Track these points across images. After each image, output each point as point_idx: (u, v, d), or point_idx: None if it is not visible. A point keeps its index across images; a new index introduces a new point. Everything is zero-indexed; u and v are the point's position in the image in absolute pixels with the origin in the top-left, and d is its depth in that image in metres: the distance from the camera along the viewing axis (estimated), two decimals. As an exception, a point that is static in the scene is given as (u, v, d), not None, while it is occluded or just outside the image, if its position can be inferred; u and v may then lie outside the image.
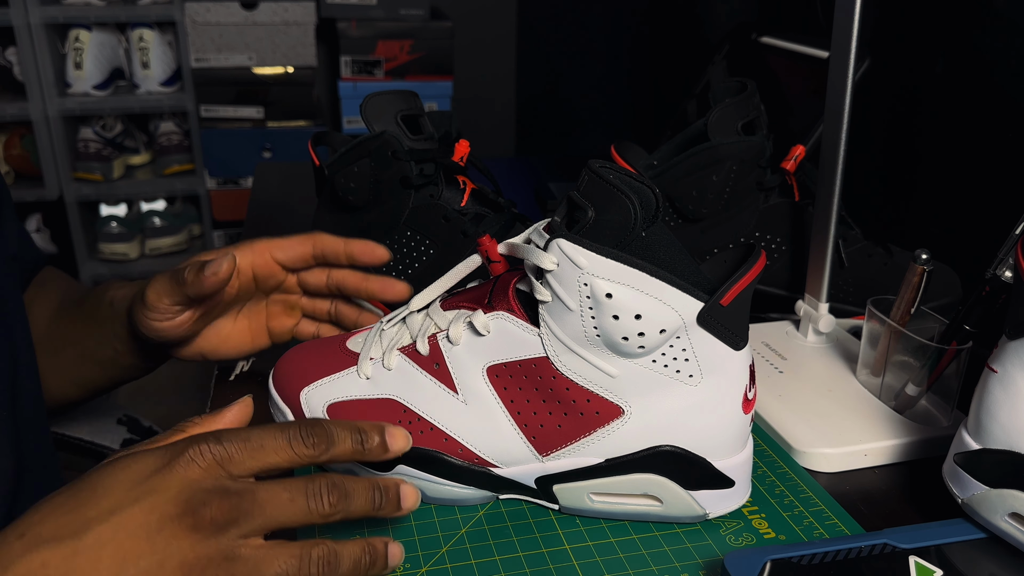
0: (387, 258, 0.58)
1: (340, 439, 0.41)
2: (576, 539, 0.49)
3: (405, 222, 0.67)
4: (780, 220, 0.74)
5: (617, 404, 0.47)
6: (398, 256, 0.67)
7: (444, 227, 0.66)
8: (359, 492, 0.41)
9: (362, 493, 0.41)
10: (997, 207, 0.76)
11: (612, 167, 0.45)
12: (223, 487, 0.37)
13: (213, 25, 2.03)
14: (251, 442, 0.39)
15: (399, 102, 0.66)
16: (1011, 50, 0.75)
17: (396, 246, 0.67)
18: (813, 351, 0.67)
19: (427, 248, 0.67)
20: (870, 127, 0.93)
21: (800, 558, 0.43)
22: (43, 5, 1.93)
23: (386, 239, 0.66)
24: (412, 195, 0.66)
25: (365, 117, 0.65)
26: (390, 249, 0.60)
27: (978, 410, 0.47)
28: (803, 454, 0.56)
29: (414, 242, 0.67)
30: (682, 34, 1.42)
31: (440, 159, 0.66)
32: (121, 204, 2.23)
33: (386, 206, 0.67)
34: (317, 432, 0.41)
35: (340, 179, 0.66)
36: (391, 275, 0.64)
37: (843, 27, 0.59)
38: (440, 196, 0.67)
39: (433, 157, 0.66)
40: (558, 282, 0.45)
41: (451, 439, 0.49)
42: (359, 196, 0.66)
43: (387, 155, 0.65)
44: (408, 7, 2.11)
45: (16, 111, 1.96)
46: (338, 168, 0.66)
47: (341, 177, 0.66)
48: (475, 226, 0.66)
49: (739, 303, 0.45)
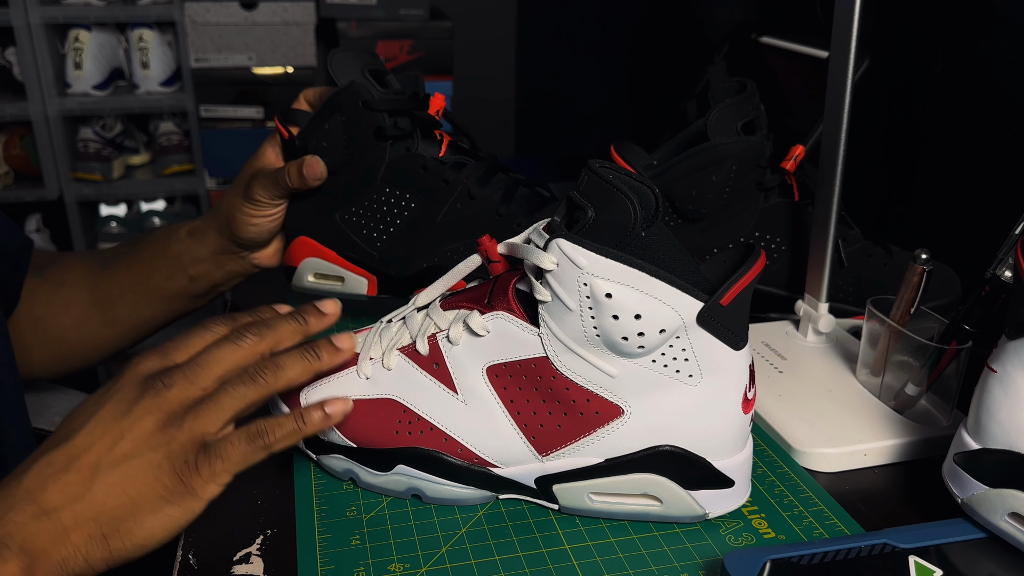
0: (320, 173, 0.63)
1: None
2: (576, 539, 0.49)
3: (383, 177, 0.65)
4: (780, 220, 0.73)
5: (617, 404, 0.47)
6: (379, 214, 0.65)
7: (423, 176, 0.65)
8: (281, 320, 0.48)
9: (284, 320, 0.49)
10: (997, 207, 0.76)
11: (612, 167, 0.45)
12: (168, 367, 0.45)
13: (213, 25, 2.03)
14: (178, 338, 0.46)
15: (367, 57, 0.65)
16: (1011, 50, 0.75)
17: (376, 204, 0.65)
18: (813, 351, 0.67)
19: (408, 201, 0.65)
20: (870, 127, 0.92)
21: (800, 558, 0.43)
22: (43, 5, 1.92)
23: (364, 199, 0.65)
24: (388, 148, 0.65)
25: (332, 72, 0.65)
26: (370, 208, 0.59)
27: (978, 410, 0.47)
28: (803, 454, 0.56)
29: (394, 197, 0.65)
30: (682, 34, 1.42)
31: (415, 111, 0.65)
32: (121, 204, 2.22)
33: (361, 163, 0.65)
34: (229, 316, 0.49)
35: (312, 142, 0.64)
36: (373, 235, 0.64)
37: (843, 27, 0.59)
38: (417, 148, 0.65)
39: (408, 110, 0.65)
40: (558, 282, 0.45)
41: (451, 439, 0.49)
42: (333, 156, 0.64)
43: (358, 106, 0.63)
44: (408, 7, 2.11)
45: (16, 111, 1.95)
46: (309, 133, 0.65)
47: (313, 139, 0.64)
48: (456, 172, 0.65)
49: (739, 303, 0.45)
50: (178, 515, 0.43)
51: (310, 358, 0.48)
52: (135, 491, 0.42)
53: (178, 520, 0.43)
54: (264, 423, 0.45)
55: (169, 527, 0.43)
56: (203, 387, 0.45)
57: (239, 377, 0.45)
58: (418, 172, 0.65)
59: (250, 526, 0.49)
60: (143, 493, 0.42)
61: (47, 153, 2.02)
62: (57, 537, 0.40)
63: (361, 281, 0.66)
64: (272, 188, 0.65)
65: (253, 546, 0.47)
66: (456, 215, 0.65)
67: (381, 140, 0.64)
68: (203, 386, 0.45)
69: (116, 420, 0.43)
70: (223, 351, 0.46)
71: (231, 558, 0.46)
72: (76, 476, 0.41)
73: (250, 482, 0.52)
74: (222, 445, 0.44)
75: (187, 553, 0.47)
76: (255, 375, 0.45)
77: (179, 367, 0.45)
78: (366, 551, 0.47)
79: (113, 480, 0.42)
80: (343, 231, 0.66)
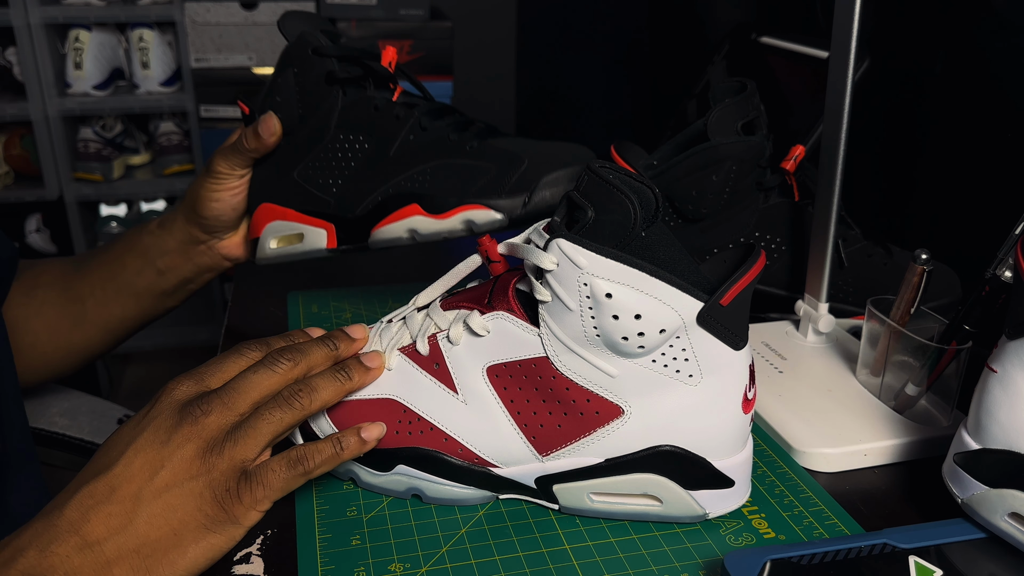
0: None
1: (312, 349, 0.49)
2: (576, 539, 0.49)
3: (336, 125, 0.64)
4: (780, 220, 0.73)
5: (617, 404, 0.47)
6: (335, 161, 0.64)
7: (375, 116, 0.64)
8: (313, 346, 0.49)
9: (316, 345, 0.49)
10: (997, 207, 0.76)
11: (612, 167, 0.45)
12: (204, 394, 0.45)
13: (213, 25, 2.03)
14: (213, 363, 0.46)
15: (317, 20, 0.65)
16: (1011, 50, 0.75)
17: (331, 153, 0.64)
18: (813, 351, 0.67)
19: (362, 143, 0.64)
20: (870, 127, 0.92)
21: (800, 558, 0.43)
22: (43, 5, 1.92)
23: (321, 152, 0.64)
24: (340, 96, 0.64)
25: (284, 32, 0.64)
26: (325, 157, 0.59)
27: (978, 410, 0.47)
28: (803, 454, 0.56)
29: (348, 142, 0.64)
30: (682, 34, 1.42)
31: (366, 60, 0.64)
32: (121, 204, 2.22)
33: (314, 115, 0.64)
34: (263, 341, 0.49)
35: (267, 102, 0.64)
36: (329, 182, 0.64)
37: (843, 27, 0.59)
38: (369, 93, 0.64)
39: (359, 58, 0.64)
40: (558, 282, 0.45)
41: (451, 439, 0.49)
42: (288, 111, 0.64)
43: (308, 55, 0.63)
44: (408, 7, 2.11)
45: (16, 111, 1.95)
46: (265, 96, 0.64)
47: (268, 100, 0.64)
48: (408, 109, 0.64)
49: (739, 303, 0.45)
50: (220, 543, 0.43)
51: (342, 379, 0.48)
52: (177, 521, 0.42)
53: (220, 548, 0.43)
54: (304, 449, 0.46)
55: (211, 555, 0.43)
56: (240, 412, 0.45)
57: (275, 402, 0.45)
58: (370, 113, 0.63)
59: (250, 526, 0.49)
60: (185, 523, 0.42)
61: (47, 153, 2.02)
62: (99, 569, 0.40)
63: (320, 233, 0.64)
64: (232, 157, 0.64)
65: (253, 546, 0.47)
66: (408, 146, 0.63)
67: (332, 84, 0.63)
68: (240, 411, 0.45)
69: (155, 449, 0.43)
70: (259, 376, 0.46)
71: (231, 558, 0.46)
72: (118, 507, 0.41)
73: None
74: (263, 472, 0.44)
75: (187, 553, 0.47)
76: (291, 399, 0.46)
77: (216, 393, 0.45)
78: (366, 551, 0.47)
79: (155, 511, 0.42)
80: (301, 187, 0.65)
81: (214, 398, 0.44)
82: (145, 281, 0.70)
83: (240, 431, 0.44)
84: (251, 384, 0.46)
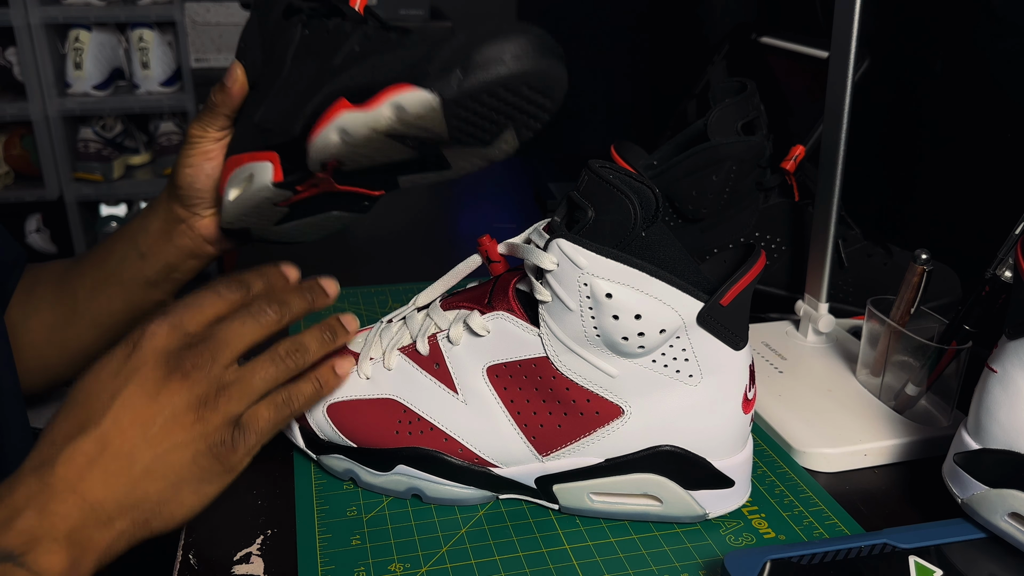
0: None
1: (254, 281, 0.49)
2: (576, 539, 0.49)
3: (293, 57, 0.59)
4: (780, 220, 0.74)
5: (617, 404, 0.47)
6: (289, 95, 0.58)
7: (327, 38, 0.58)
8: (293, 297, 0.49)
9: (296, 296, 0.49)
10: (997, 207, 0.76)
11: (612, 167, 0.45)
12: (187, 342, 0.45)
13: (213, 25, 2.03)
14: (190, 304, 0.46)
15: None
16: (1011, 50, 0.75)
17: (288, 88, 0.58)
18: (813, 351, 0.67)
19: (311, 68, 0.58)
20: (870, 127, 0.92)
21: (800, 558, 0.43)
22: (43, 5, 1.92)
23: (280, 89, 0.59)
24: (299, 28, 0.59)
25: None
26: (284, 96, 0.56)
27: (978, 410, 0.47)
28: (803, 454, 0.56)
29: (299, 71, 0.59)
30: (682, 34, 1.42)
31: None
32: (121, 204, 2.23)
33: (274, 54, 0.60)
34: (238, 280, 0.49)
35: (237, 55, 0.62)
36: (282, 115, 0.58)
37: (843, 27, 0.59)
38: None
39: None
40: (558, 282, 0.45)
41: (451, 439, 0.49)
42: (250, 57, 0.61)
43: None
44: (408, 7, 2.11)
45: (16, 111, 1.95)
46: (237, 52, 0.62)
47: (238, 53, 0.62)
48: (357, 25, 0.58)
49: (739, 303, 0.45)
50: (214, 491, 0.44)
51: (327, 338, 0.50)
52: (175, 476, 0.43)
53: (213, 495, 0.45)
54: (287, 392, 0.47)
55: (205, 502, 0.44)
56: (225, 365, 0.45)
57: (268, 357, 0.46)
58: (323, 38, 0.59)
59: (250, 526, 0.49)
60: (182, 476, 0.43)
61: (47, 153, 2.02)
62: (102, 526, 0.41)
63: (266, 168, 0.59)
64: (204, 118, 0.63)
65: (253, 546, 0.47)
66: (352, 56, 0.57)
67: (291, 17, 0.59)
68: (226, 364, 0.45)
69: (144, 403, 0.43)
70: (247, 328, 0.46)
71: (231, 558, 0.46)
72: (114, 465, 0.41)
73: (250, 482, 0.52)
74: (253, 420, 0.45)
75: (187, 553, 0.47)
76: (285, 357, 0.47)
77: (204, 344, 0.45)
78: (366, 551, 0.47)
79: (152, 468, 0.42)
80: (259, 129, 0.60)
81: (203, 350, 0.44)
82: (130, 268, 0.69)
83: (234, 387, 0.44)
84: (238, 336, 0.46)
